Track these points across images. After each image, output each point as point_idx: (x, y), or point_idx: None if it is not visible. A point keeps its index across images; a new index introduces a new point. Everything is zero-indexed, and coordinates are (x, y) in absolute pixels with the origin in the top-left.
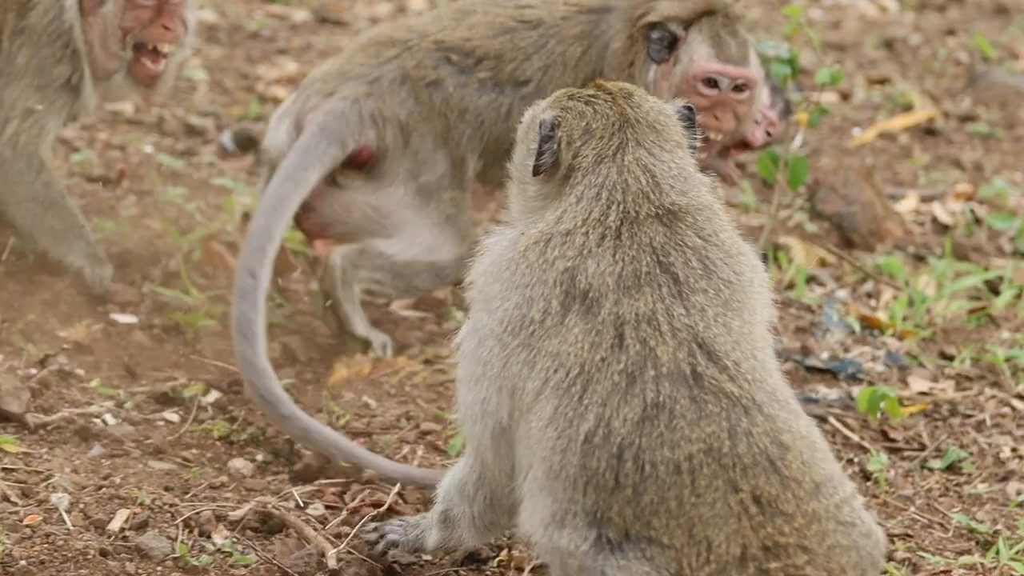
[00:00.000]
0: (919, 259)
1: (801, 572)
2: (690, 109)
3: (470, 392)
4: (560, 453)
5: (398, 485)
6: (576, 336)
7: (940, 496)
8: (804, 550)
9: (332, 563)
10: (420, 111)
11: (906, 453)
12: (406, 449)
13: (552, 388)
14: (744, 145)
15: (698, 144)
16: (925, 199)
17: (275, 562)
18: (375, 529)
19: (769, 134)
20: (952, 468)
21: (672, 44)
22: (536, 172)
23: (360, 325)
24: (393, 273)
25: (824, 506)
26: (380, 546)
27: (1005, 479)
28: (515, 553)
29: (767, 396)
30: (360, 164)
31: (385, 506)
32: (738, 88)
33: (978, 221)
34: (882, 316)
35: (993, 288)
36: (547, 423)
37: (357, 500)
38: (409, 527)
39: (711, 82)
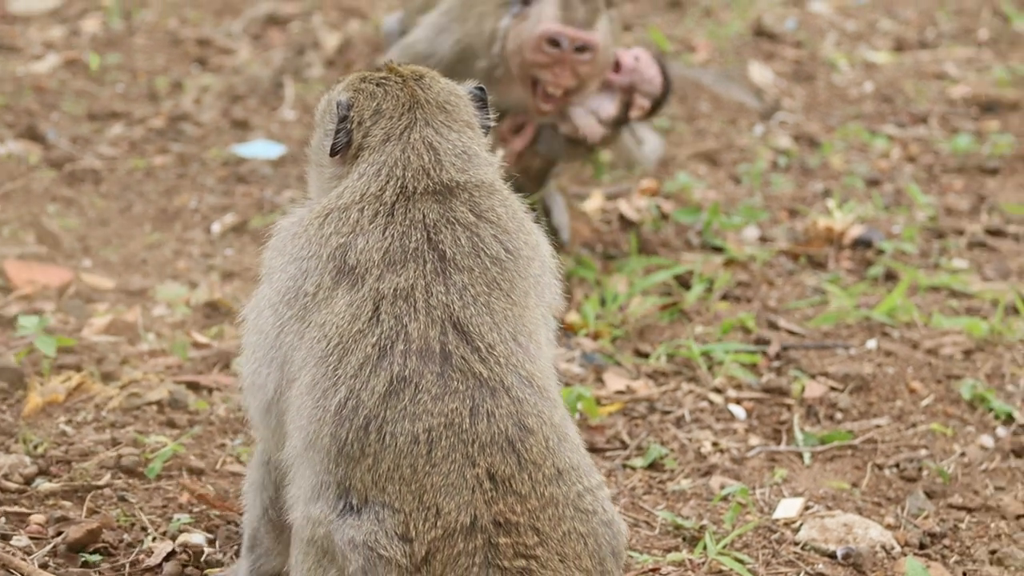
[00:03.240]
0: (608, 258)
1: (531, 552)
2: (482, 90)
3: (247, 362)
4: (316, 423)
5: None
6: (340, 308)
7: (644, 494)
8: (536, 531)
9: None
10: None
11: (608, 452)
12: (107, 475)
13: (313, 358)
14: (616, 66)
15: (491, 124)
16: (610, 197)
17: None
18: None
19: (637, 59)
20: (654, 465)
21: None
22: (333, 152)
23: None
24: None
25: (563, 492)
26: None
27: (708, 473)
28: None
29: (519, 380)
30: None
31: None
32: (580, 49)
33: (664, 216)
34: (575, 316)
35: (684, 283)
36: (306, 392)
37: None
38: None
39: (553, 42)
